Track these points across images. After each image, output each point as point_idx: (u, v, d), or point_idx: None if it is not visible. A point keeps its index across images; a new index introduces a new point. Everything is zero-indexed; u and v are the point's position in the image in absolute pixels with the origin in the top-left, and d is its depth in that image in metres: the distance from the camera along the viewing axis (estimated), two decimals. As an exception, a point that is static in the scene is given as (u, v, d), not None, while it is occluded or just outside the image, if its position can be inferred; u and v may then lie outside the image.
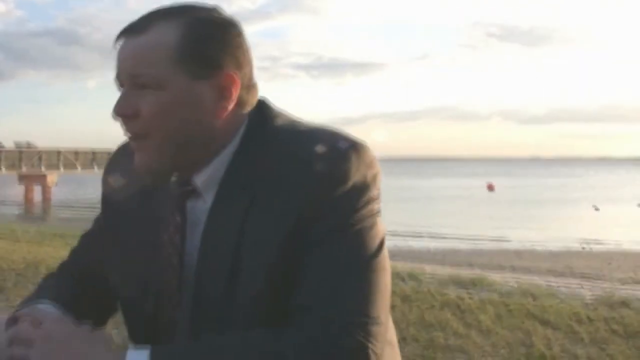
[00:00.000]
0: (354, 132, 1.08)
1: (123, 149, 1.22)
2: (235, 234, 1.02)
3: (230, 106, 1.06)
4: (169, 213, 1.10)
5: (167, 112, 1.02)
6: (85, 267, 1.24)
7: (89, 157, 39.34)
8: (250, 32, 1.14)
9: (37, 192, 35.80)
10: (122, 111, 1.04)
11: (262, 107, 1.11)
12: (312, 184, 0.99)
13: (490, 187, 44.16)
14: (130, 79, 1.04)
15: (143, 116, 1.03)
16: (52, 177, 36.16)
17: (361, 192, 1.01)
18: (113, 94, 1.07)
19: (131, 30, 1.05)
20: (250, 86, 1.09)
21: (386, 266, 1.02)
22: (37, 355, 0.95)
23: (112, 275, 1.17)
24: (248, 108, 1.09)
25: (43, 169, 36.01)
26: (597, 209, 27.51)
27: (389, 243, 1.06)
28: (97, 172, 38.88)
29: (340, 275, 0.98)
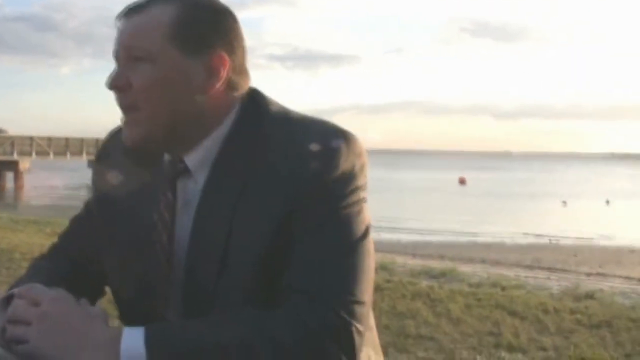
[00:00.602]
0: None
1: (114, 135, 1.25)
2: (228, 218, 1.05)
3: (220, 86, 1.09)
4: (160, 191, 1.12)
5: (158, 85, 1.06)
6: (75, 251, 1.26)
7: (62, 144, 38.73)
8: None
9: (9, 179, 35.15)
10: (115, 83, 1.08)
11: (255, 93, 1.14)
12: (302, 171, 1.03)
13: (462, 181, 44.55)
14: (125, 52, 1.08)
15: (135, 88, 1.07)
16: (24, 164, 35.54)
17: (349, 181, 1.06)
18: (87, 81, 1.07)
19: (131, 11, 1.10)
20: (242, 71, 1.13)
21: (371, 251, 1.07)
22: (35, 334, 0.97)
23: (104, 259, 1.20)
24: (239, 92, 1.12)
25: (15, 155, 35.35)
26: (564, 204, 27.98)
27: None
28: (70, 159, 38.38)
29: (327, 257, 1.02)
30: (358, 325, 1.00)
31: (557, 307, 5.58)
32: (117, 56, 1.10)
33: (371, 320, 1.16)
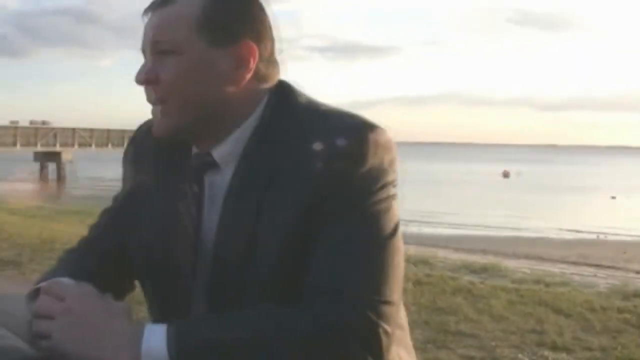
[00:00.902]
0: (367, 115, 1.10)
1: (142, 129, 1.25)
2: (254, 209, 1.05)
3: (248, 76, 1.08)
4: (187, 184, 1.13)
5: (185, 77, 1.06)
6: (104, 244, 1.25)
7: (104, 135, 39.75)
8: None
9: (51, 170, 36.09)
10: (143, 77, 1.09)
11: (283, 85, 1.13)
12: (330, 165, 1.01)
13: (505, 174, 43.95)
14: (153, 47, 1.08)
15: (163, 81, 1.07)
16: (66, 155, 36.44)
17: (378, 175, 1.03)
18: (128, 74, 1.10)
19: (156, 4, 1.10)
20: (270, 61, 1.11)
21: (400, 249, 1.04)
22: (57, 330, 0.97)
23: (132, 251, 1.19)
24: (268, 84, 1.11)
25: (58, 146, 36.28)
26: (613, 198, 27.25)
27: (401, 227, 1.06)
28: (112, 150, 39.25)
29: (353, 254, 1.00)
30: (385, 326, 0.97)
31: (604, 306, 5.41)
32: (145, 50, 1.10)
33: (402, 319, 1.13)
